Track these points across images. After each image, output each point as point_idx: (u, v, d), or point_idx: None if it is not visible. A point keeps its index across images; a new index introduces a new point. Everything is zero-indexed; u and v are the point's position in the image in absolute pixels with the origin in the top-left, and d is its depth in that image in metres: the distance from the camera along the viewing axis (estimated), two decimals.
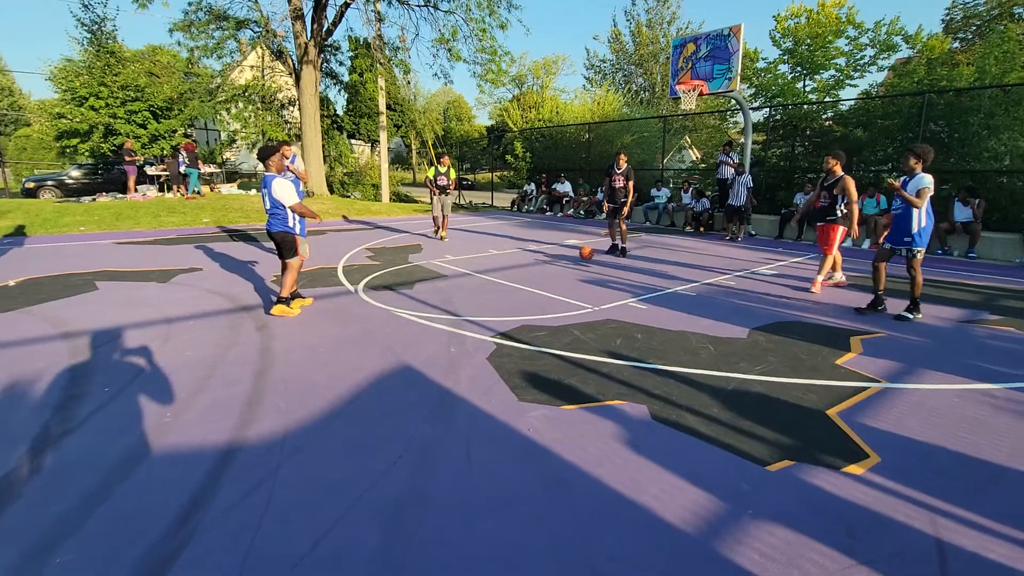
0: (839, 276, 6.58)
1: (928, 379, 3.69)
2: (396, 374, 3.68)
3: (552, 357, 4.00)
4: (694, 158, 19.61)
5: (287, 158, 6.84)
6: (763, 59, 14.72)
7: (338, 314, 5.12)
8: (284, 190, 4.91)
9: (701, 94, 10.07)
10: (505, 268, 7.49)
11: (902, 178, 5.13)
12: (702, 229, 12.36)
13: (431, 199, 10.29)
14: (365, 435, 2.84)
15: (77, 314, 4.94)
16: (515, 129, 20.50)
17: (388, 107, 28.25)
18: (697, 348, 4.23)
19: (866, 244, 9.99)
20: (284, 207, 4.94)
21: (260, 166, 26.00)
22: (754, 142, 13.81)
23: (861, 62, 13.39)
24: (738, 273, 7.37)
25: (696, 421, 3.02)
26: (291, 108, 19.89)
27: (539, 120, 19.12)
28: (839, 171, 5.94)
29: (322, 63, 16.96)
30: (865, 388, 3.51)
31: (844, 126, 11.80)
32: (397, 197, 22.61)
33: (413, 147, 46.07)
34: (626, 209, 8.35)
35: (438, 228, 10.49)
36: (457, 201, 19.38)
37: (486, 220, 14.65)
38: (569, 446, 2.74)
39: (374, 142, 31.52)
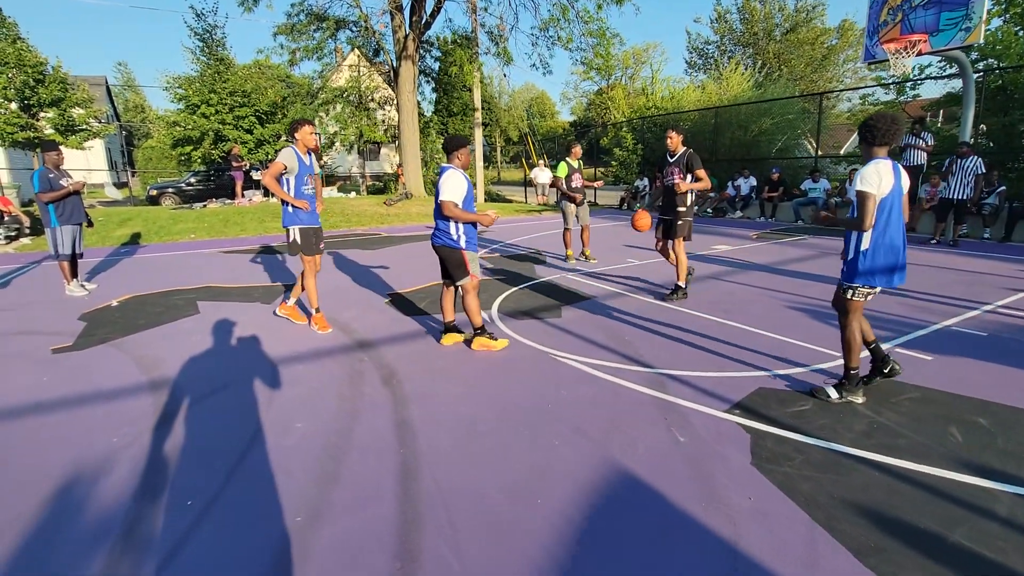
0: None
1: None
2: (612, 489, 2.23)
3: (870, 468, 2.36)
4: (809, 149, 16.54)
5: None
6: None
7: (483, 356, 3.79)
8: (451, 182, 3.67)
9: (920, 53, 7.70)
10: (664, 286, 5.86)
11: None
12: None
13: (564, 210, 7.11)
14: None
15: (172, 350, 4.01)
16: (620, 119, 18.59)
17: (465, 107, 27.44)
18: None
19: None
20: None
21: (355, 167, 26.30)
22: (944, 119, 11.03)
23: None
24: (1011, 299, 5.21)
25: None
26: (387, 108, 19.45)
27: (649, 108, 17.16)
28: None
29: (419, 59, 16.18)
30: None
31: None
32: (489, 197, 21.57)
33: (498, 145, 45.28)
34: (684, 223, 5.03)
35: (572, 247, 7.39)
36: (547, 198, 17.88)
37: (596, 220, 13.03)
38: None
39: None
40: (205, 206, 13.82)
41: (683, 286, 5.29)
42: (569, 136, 30.84)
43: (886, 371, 3.11)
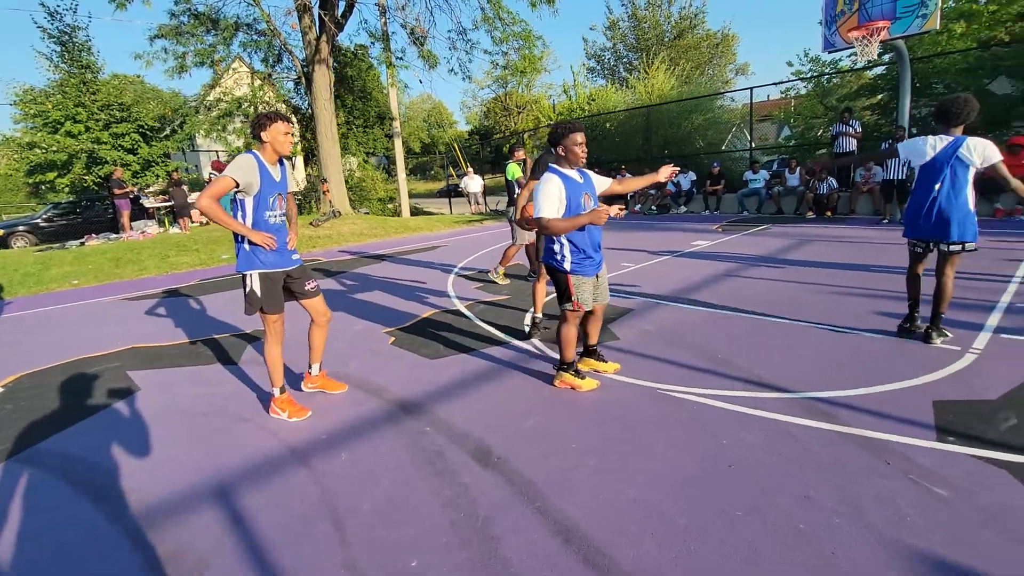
0: None
1: None
2: None
3: None
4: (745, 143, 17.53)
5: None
6: None
7: (578, 403, 2.95)
8: (539, 194, 2.87)
9: (883, 40, 8.01)
10: (690, 289, 5.36)
11: None
12: (829, 213, 10.35)
13: (512, 218, 5.74)
14: None
15: (128, 459, 2.70)
16: (545, 122, 18.32)
17: (379, 117, 26.10)
18: None
19: None
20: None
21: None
22: (868, 106, 11.91)
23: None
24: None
25: None
26: (293, 120, 17.55)
27: (574, 111, 17.07)
28: None
29: (334, 63, 14.70)
30: None
31: (989, 76, 9.90)
32: (411, 211, 20.38)
33: (400, 157, 43.77)
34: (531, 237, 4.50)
35: (532, 266, 6.02)
36: (483, 207, 17.10)
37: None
38: None
39: (368, 153, 29.23)
40: (83, 244, 11.32)
41: (539, 319, 4.31)
42: (512, 141, 30.40)
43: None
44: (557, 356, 3.72)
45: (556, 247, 2.97)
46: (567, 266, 2.95)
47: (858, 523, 1.89)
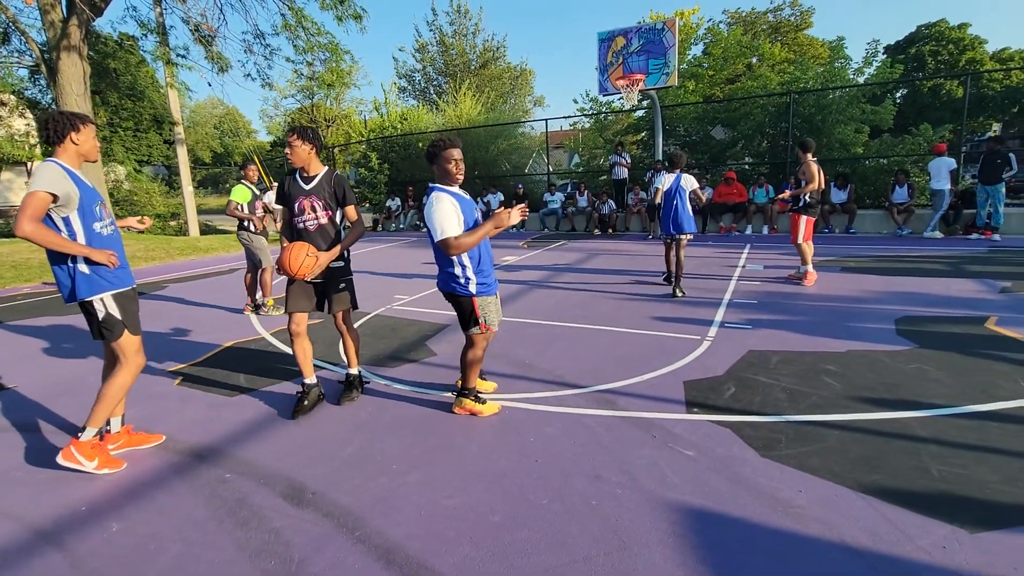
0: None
1: None
2: (693, 529, 1.99)
3: (827, 429, 2.73)
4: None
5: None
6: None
7: (405, 422, 2.96)
8: (436, 213, 2.66)
9: (641, 89, 9.66)
10: (502, 301, 5.81)
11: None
12: (611, 231, 12.13)
13: (256, 245, 5.60)
14: None
15: None
16: (357, 138, 17.81)
17: (156, 120, 22.57)
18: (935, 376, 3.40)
19: (764, 230, 10.83)
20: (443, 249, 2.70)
21: None
22: (634, 141, 14.22)
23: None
24: (740, 278, 6.99)
25: None
26: (28, 116, 13.97)
27: (386, 128, 16.93)
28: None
29: (89, 53, 12.11)
30: None
31: (711, 124, 12.83)
32: (203, 229, 17.91)
33: (185, 167, 38.10)
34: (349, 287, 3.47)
35: (258, 295, 5.79)
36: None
37: (360, 245, 12.16)
38: None
39: (141, 161, 24.71)
40: None
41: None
42: (248, 157, 28.11)
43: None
44: (377, 378, 3.69)
45: (457, 271, 2.80)
46: (472, 289, 2.81)
47: (634, 489, 2.29)
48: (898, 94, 33.05)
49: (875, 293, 5.46)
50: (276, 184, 3.52)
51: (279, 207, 3.24)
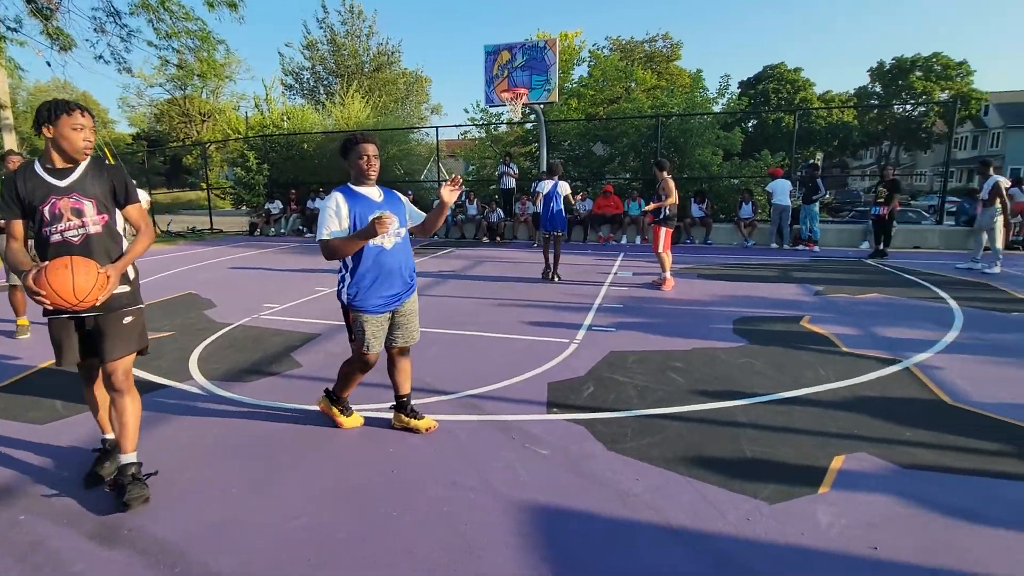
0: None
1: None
2: (540, 526, 2.07)
3: (668, 420, 3.00)
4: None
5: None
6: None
7: (259, 442, 2.73)
8: (321, 210, 2.57)
9: (525, 104, 9.92)
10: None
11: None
12: (499, 238, 12.37)
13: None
14: None
15: None
16: (235, 135, 16.29)
17: None
18: (758, 368, 3.87)
19: (637, 240, 11.73)
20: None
21: None
22: (523, 153, 14.66)
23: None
24: (612, 284, 7.46)
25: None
26: None
27: (267, 126, 15.68)
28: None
29: None
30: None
31: (592, 140, 13.68)
32: None
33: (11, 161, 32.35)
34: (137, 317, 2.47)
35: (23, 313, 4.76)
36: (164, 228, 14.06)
37: (235, 250, 11.17)
38: None
39: None
40: None
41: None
42: (137, 154, 25.31)
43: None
44: (228, 395, 3.39)
45: (342, 274, 2.65)
46: (344, 297, 2.63)
47: (487, 493, 2.33)
48: (749, 124, 37.99)
49: (721, 297, 6.15)
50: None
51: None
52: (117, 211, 2.28)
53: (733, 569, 1.86)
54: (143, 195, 12.93)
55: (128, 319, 2.26)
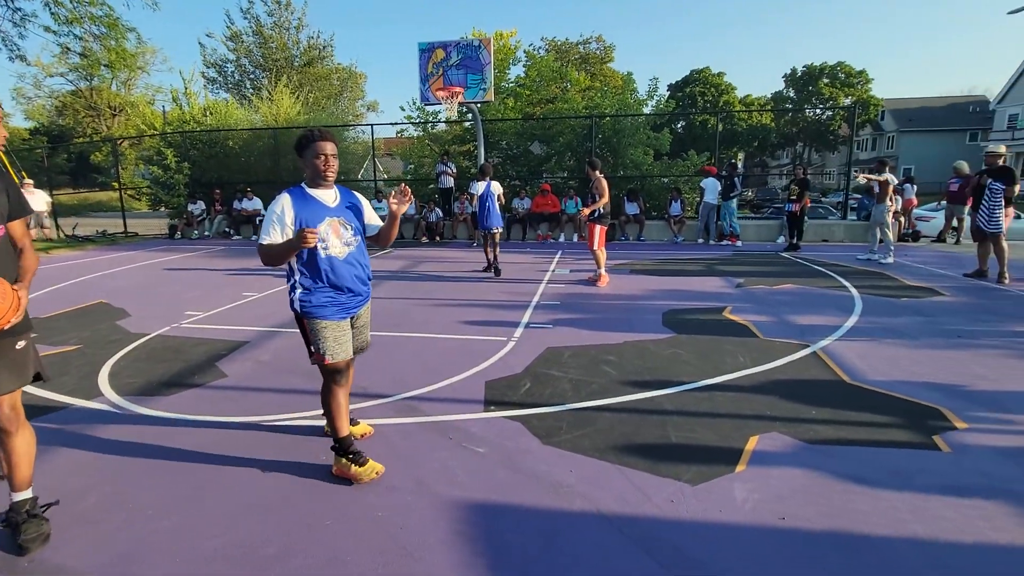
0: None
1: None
2: (477, 524, 2.10)
3: (599, 412, 3.11)
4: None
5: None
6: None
7: (172, 460, 2.56)
8: (267, 212, 2.37)
9: (461, 102, 9.81)
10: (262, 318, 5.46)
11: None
12: (438, 238, 12.25)
13: None
14: None
15: None
16: (151, 131, 15.07)
17: None
18: (686, 358, 4.08)
19: (575, 238, 12.01)
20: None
21: None
22: (462, 151, 14.59)
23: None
24: (549, 281, 7.59)
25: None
26: None
27: (187, 123, 14.61)
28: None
29: None
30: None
31: (529, 140, 13.83)
32: None
33: None
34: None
35: None
36: (50, 231, 12.76)
37: (153, 255, 10.39)
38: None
39: None
40: None
41: None
42: (37, 151, 23.17)
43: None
44: (143, 411, 3.18)
45: (291, 282, 2.40)
46: (297, 306, 2.39)
47: (424, 494, 2.32)
48: (678, 125, 39.86)
49: (652, 291, 6.42)
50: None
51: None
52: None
53: (660, 549, 1.96)
54: (43, 196, 11.78)
55: (21, 343, 1.96)
